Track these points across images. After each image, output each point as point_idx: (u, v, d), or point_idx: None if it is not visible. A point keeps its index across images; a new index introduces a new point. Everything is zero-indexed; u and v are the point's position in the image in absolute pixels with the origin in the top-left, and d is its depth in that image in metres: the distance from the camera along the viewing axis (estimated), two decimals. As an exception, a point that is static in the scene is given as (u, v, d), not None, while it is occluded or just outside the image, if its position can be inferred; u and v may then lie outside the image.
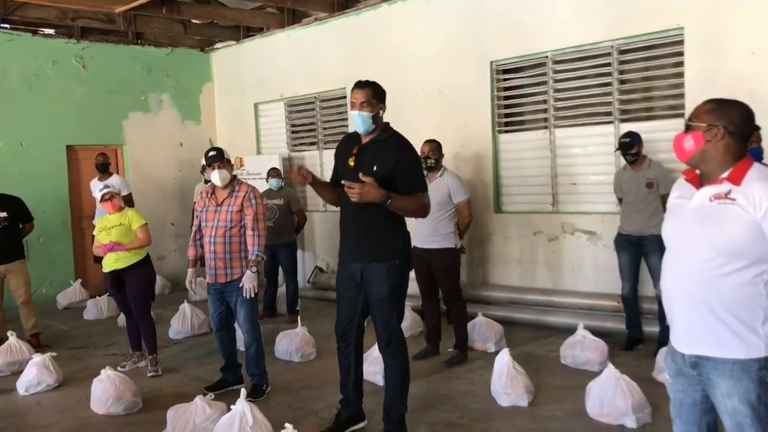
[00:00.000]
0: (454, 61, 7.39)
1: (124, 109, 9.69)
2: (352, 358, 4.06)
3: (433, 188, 5.43)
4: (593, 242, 6.52)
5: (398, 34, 7.89)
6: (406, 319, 6.25)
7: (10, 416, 4.82)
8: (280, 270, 7.57)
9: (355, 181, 3.63)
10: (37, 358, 5.35)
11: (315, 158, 9.22)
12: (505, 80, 7.20)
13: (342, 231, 4.01)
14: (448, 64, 7.45)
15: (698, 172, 2.35)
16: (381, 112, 3.78)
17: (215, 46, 10.39)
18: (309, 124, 9.34)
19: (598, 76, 6.49)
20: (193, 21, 9.33)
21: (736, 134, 2.27)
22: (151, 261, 5.71)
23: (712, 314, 2.20)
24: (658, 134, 5.92)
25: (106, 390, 4.70)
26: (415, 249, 5.36)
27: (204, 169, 6.99)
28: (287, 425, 3.56)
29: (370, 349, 4.83)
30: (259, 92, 9.83)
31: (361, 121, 3.77)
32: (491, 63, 7.13)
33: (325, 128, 9.06)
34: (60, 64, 9.13)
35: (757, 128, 2.37)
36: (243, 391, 4.02)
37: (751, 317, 2.18)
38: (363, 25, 8.30)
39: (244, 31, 9.88)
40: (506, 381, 4.53)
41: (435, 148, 5.62)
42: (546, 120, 6.89)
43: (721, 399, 2.24)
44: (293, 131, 9.60)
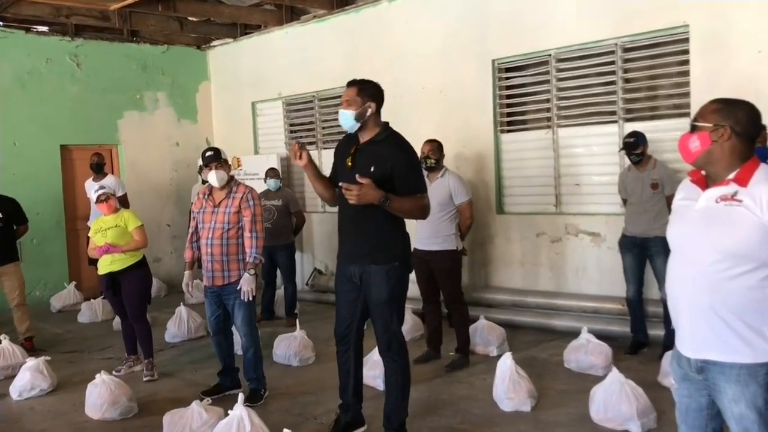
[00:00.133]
0: (455, 59, 7.39)
1: (119, 108, 9.68)
2: (352, 362, 4.07)
3: (434, 189, 5.45)
4: (597, 244, 6.53)
5: (398, 32, 7.90)
6: (407, 322, 6.24)
7: (3, 422, 4.82)
8: (279, 272, 7.58)
9: (352, 180, 3.64)
10: (31, 362, 5.35)
11: (314, 158, 9.12)
12: (507, 79, 7.21)
13: (340, 232, 4.02)
14: (449, 62, 7.45)
15: (704, 173, 2.35)
16: (369, 110, 3.78)
17: (212, 44, 10.40)
18: (308, 123, 9.34)
19: (601, 74, 6.50)
20: (190, 18, 9.33)
21: (743, 134, 2.27)
22: (147, 263, 5.72)
23: (718, 318, 2.21)
24: (663, 134, 5.94)
25: (101, 395, 4.71)
26: (416, 251, 5.37)
27: (201, 169, 7.00)
28: (286, 431, 3.56)
29: (370, 353, 4.83)
30: (256, 91, 9.83)
31: (343, 118, 3.82)
32: (493, 61, 7.13)
33: (324, 128, 9.06)
34: (54, 62, 9.13)
35: (764, 128, 2.38)
36: (241, 396, 4.02)
37: (758, 321, 2.18)
38: (363, 23, 8.31)
39: (241, 29, 9.88)
40: (509, 385, 4.54)
41: (435, 148, 5.62)
42: (549, 119, 6.90)
43: (727, 404, 2.24)
44: (291, 131, 9.60)
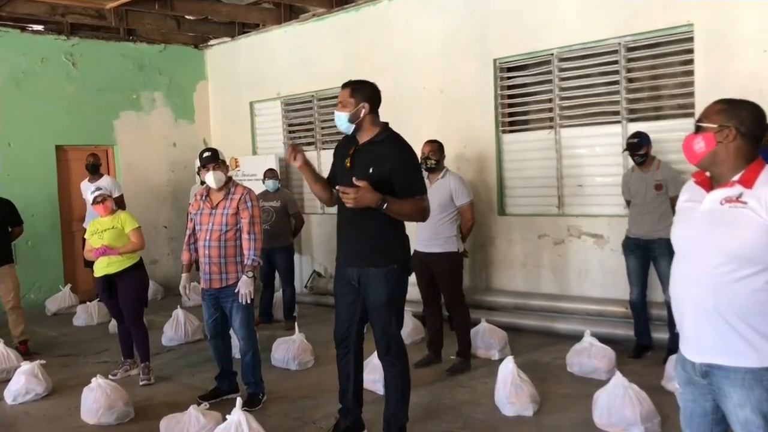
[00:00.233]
0: (456, 59, 7.40)
1: (116, 108, 9.68)
2: (352, 365, 4.07)
3: (435, 190, 5.45)
4: (600, 246, 6.53)
5: (399, 31, 7.90)
6: (407, 326, 6.26)
7: (-2, 426, 4.84)
8: (277, 274, 7.58)
9: (349, 182, 3.64)
10: (26, 366, 5.35)
11: (313, 159, 9.20)
12: (509, 78, 7.21)
13: (339, 234, 4.02)
14: (449, 61, 7.45)
15: (708, 174, 2.35)
16: (363, 111, 3.77)
17: (209, 43, 10.40)
18: (306, 123, 9.35)
19: (605, 74, 6.50)
20: (187, 17, 9.33)
21: (748, 135, 2.27)
22: (144, 265, 5.72)
23: (723, 321, 2.21)
24: (667, 134, 5.94)
25: (96, 399, 4.71)
26: (417, 253, 5.38)
27: (200, 170, 6.99)
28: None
29: (370, 357, 4.83)
30: (254, 90, 9.84)
31: (338, 120, 3.83)
32: (494, 60, 7.14)
33: (323, 128, 9.06)
34: (49, 61, 9.13)
35: (768, 128, 2.38)
36: (239, 401, 4.02)
37: (764, 324, 2.18)
38: (362, 22, 8.31)
39: (239, 28, 9.88)
40: (511, 390, 4.54)
41: (436, 149, 5.62)
42: (551, 119, 6.90)
43: (732, 409, 2.24)
44: (290, 131, 9.60)
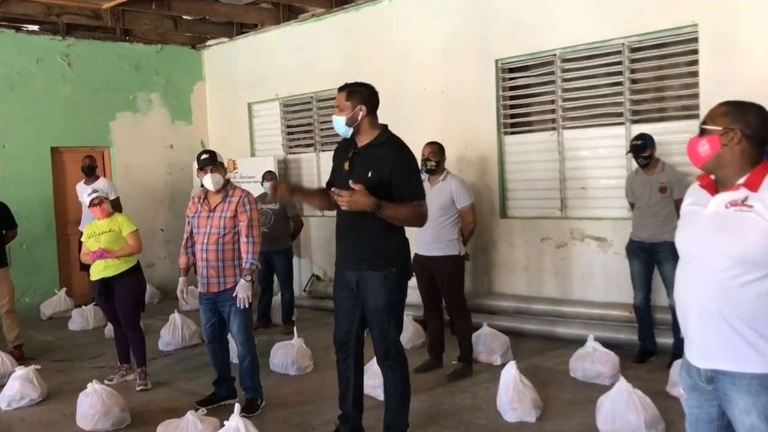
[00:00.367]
0: (457, 60, 7.41)
1: (112, 109, 9.70)
2: (352, 370, 4.06)
3: (436, 193, 5.46)
4: (604, 249, 6.53)
5: (399, 31, 7.91)
6: (408, 330, 6.26)
7: (-8, 432, 4.84)
8: (275, 278, 7.58)
9: (348, 185, 3.64)
10: (20, 371, 5.35)
11: (312, 161, 9.24)
12: (511, 79, 7.22)
13: (338, 238, 4.02)
14: (451, 62, 7.46)
15: (713, 177, 2.36)
16: (361, 114, 3.77)
17: (207, 44, 10.41)
18: (305, 125, 9.36)
19: (608, 75, 6.51)
20: (184, 17, 9.34)
21: (753, 138, 2.27)
22: (141, 269, 5.72)
23: (728, 326, 2.21)
24: (672, 136, 5.94)
25: (92, 405, 4.70)
26: (417, 256, 5.38)
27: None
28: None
29: (370, 362, 4.83)
30: (253, 92, 9.85)
31: (336, 124, 3.84)
32: (496, 61, 7.15)
33: (322, 129, 9.07)
34: (44, 62, 9.14)
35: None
36: (237, 406, 4.02)
37: (770, 330, 2.19)
38: (362, 22, 8.33)
39: (237, 28, 9.90)
40: (513, 395, 4.54)
41: (436, 150, 5.62)
42: (554, 121, 6.91)
43: (738, 415, 2.24)
44: (289, 132, 9.61)
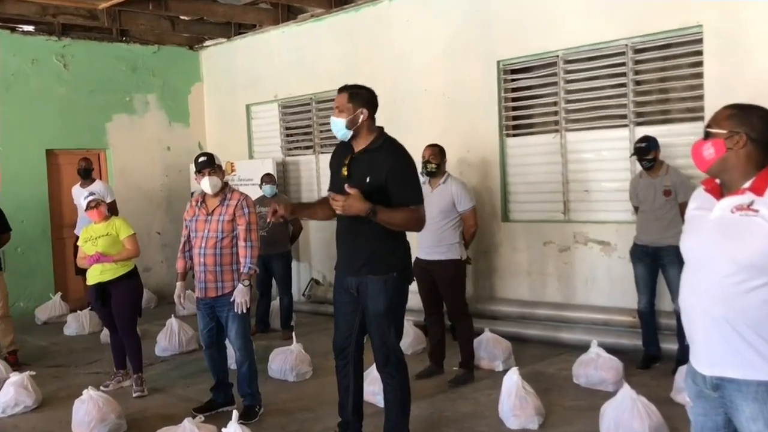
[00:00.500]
0: (458, 61, 7.42)
1: (108, 110, 9.70)
2: (351, 377, 4.06)
3: (436, 196, 5.47)
4: (607, 253, 6.53)
5: (399, 32, 7.92)
6: (408, 335, 6.26)
7: (-14, 439, 4.83)
8: (274, 282, 7.58)
9: (345, 191, 3.65)
10: (15, 377, 5.35)
11: (311, 163, 9.24)
12: (513, 81, 7.23)
13: (338, 242, 4.03)
14: (452, 63, 7.48)
15: (718, 181, 2.36)
16: (362, 117, 3.77)
17: (205, 44, 10.43)
18: (304, 126, 9.38)
19: (611, 76, 6.52)
20: (182, 17, 9.36)
21: (759, 141, 2.27)
22: (138, 273, 5.72)
23: (734, 333, 2.21)
24: (676, 138, 5.96)
25: (88, 411, 4.70)
26: (418, 261, 5.38)
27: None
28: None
29: (370, 368, 4.83)
30: (251, 93, 9.86)
31: (334, 126, 3.83)
32: (498, 62, 7.16)
33: (321, 131, 9.08)
34: (40, 62, 9.15)
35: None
36: (234, 413, 4.03)
37: (776, 336, 2.18)
38: (362, 22, 8.34)
39: (235, 28, 9.91)
40: (515, 402, 4.54)
41: (437, 153, 5.62)
42: (557, 123, 6.92)
43: (745, 423, 2.23)
44: (288, 134, 9.62)
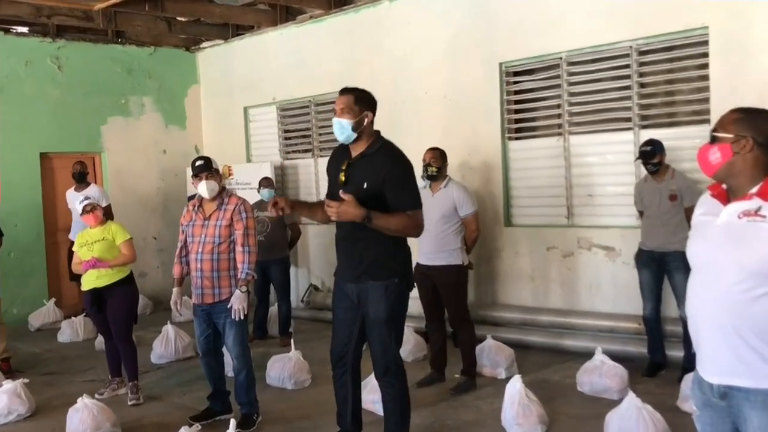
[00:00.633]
0: (460, 63, 7.43)
1: (103, 113, 9.71)
2: (349, 386, 4.06)
3: (438, 200, 5.47)
4: (612, 259, 6.53)
5: (400, 33, 7.94)
6: (409, 342, 6.26)
7: (-22, 449, 4.83)
8: (272, 288, 7.59)
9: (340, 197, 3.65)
10: (8, 384, 5.34)
11: (310, 166, 9.25)
12: (516, 83, 7.24)
13: (337, 249, 4.03)
14: (453, 65, 7.49)
15: (725, 186, 2.36)
16: (366, 120, 3.78)
17: (202, 46, 10.45)
18: (303, 129, 9.38)
19: (616, 78, 6.53)
20: (178, 18, 9.38)
21: (766, 145, 2.28)
22: (134, 279, 5.72)
23: (742, 341, 2.21)
24: (682, 142, 5.96)
25: (83, 420, 4.70)
26: (419, 266, 5.38)
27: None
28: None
29: (370, 376, 4.82)
30: (249, 95, 9.87)
31: (339, 127, 3.78)
32: (500, 64, 7.17)
33: (320, 134, 9.09)
34: (34, 64, 9.16)
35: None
36: (232, 422, 4.02)
37: (785, 344, 2.18)
38: (362, 24, 8.35)
39: (233, 30, 9.92)
40: (518, 410, 4.54)
41: (438, 156, 5.62)
42: (560, 126, 6.93)
43: (752, 433, 2.24)
44: (286, 137, 9.63)
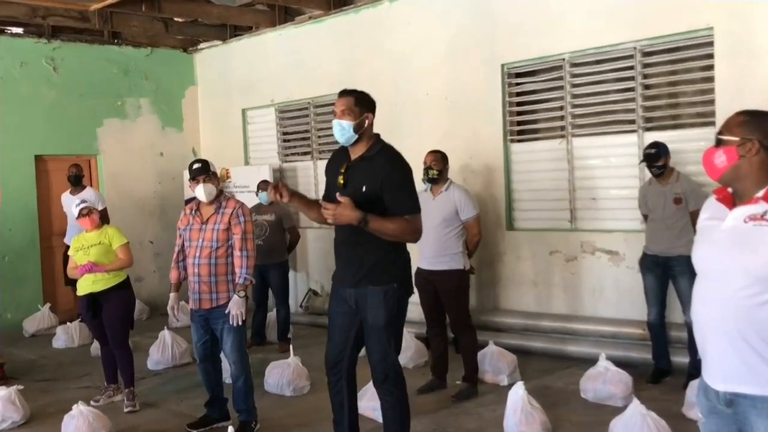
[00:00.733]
0: (461, 64, 7.43)
1: (99, 115, 9.72)
2: (345, 393, 4.03)
3: (439, 203, 5.47)
4: (615, 263, 6.53)
5: (400, 34, 7.94)
6: (410, 348, 6.26)
7: (-28, 457, 4.83)
8: (270, 293, 7.58)
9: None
10: (2, 391, 5.33)
11: (309, 169, 9.25)
12: (518, 85, 7.25)
13: (336, 253, 4.02)
14: (454, 66, 7.49)
15: (730, 190, 2.36)
16: (367, 122, 3.78)
17: (199, 47, 10.46)
18: (302, 131, 9.39)
19: (619, 80, 6.53)
20: (176, 19, 9.38)
21: (772, 149, 2.28)
22: (131, 284, 5.72)
23: (748, 347, 2.20)
24: (686, 144, 5.96)
25: (78, 427, 4.70)
26: (420, 271, 5.39)
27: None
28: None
29: (369, 383, 4.82)
30: (247, 97, 9.88)
31: (339, 129, 3.78)
32: (502, 66, 7.17)
33: (319, 136, 9.09)
34: (29, 65, 9.17)
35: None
36: (230, 429, 4.02)
37: (792, 351, 2.18)
38: (361, 24, 8.36)
39: (231, 30, 9.94)
40: (521, 417, 4.54)
41: (439, 159, 5.62)
42: (563, 128, 6.93)
43: (759, 440, 2.24)
44: (285, 140, 9.64)
